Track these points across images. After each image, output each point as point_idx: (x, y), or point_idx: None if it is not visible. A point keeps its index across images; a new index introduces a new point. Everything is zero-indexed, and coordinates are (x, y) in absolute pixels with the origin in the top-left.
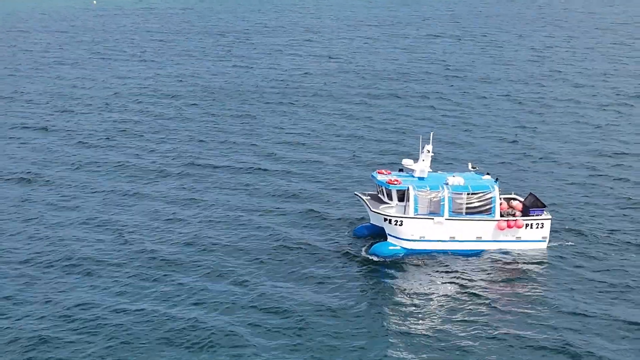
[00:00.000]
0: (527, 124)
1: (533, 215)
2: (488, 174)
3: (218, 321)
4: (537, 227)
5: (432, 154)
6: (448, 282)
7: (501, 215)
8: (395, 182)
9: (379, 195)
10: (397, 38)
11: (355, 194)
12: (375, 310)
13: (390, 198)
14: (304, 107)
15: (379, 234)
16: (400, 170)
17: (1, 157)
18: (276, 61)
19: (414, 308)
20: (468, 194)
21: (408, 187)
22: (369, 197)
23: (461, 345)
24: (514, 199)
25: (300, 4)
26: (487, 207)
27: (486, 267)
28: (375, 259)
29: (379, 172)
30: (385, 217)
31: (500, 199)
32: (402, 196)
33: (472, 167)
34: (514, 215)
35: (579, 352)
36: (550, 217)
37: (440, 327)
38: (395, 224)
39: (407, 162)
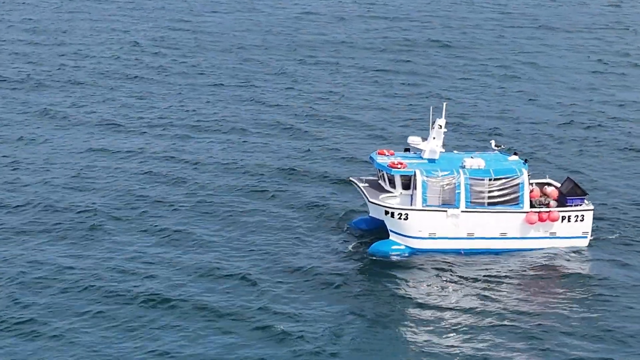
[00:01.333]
0: (604, 83)
1: (571, 205)
2: (516, 153)
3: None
4: (577, 220)
5: (445, 130)
6: (464, 291)
7: (532, 206)
8: (399, 166)
9: (380, 181)
10: None
11: (350, 180)
12: (375, 327)
13: (393, 185)
14: (321, 60)
15: (381, 230)
16: (407, 150)
17: None
18: (281, 3)
19: (421, 324)
20: (490, 179)
21: (415, 172)
22: (367, 185)
23: None
24: (549, 184)
25: None
26: (514, 195)
27: (512, 271)
28: (375, 260)
29: (379, 153)
30: (387, 209)
31: (531, 185)
32: (408, 183)
33: (496, 146)
34: (547, 205)
35: None
36: (592, 207)
37: (452, 346)
38: (399, 218)
39: (414, 140)
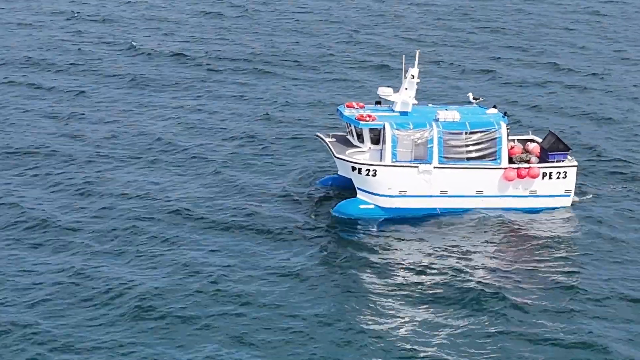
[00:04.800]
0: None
1: (553, 161)
2: (495, 106)
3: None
4: (559, 177)
5: (419, 80)
6: (435, 255)
7: (512, 162)
8: (368, 119)
9: (348, 136)
10: None
11: (317, 136)
12: (340, 293)
13: (361, 140)
14: None
15: (350, 189)
16: (378, 102)
17: None
18: None
19: (387, 290)
20: (465, 133)
21: (384, 125)
22: (334, 140)
23: (451, 341)
24: (532, 140)
25: None
26: (491, 150)
27: (488, 233)
28: (341, 220)
29: (347, 106)
30: (354, 165)
31: (513, 141)
32: (377, 137)
33: (474, 98)
34: (528, 162)
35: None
36: (575, 163)
37: (424, 315)
38: (367, 175)
39: (384, 92)
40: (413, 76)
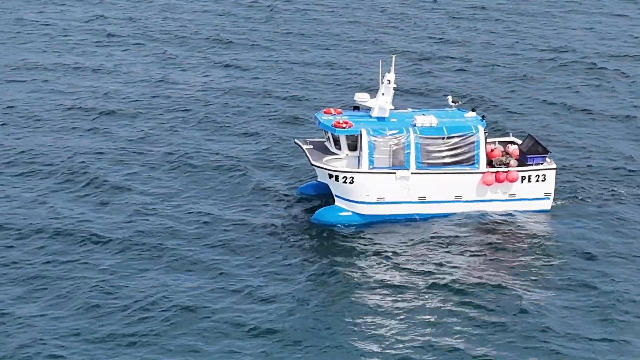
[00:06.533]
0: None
1: (531, 164)
2: (474, 109)
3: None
4: (538, 181)
5: (395, 86)
6: (414, 260)
7: (492, 165)
8: (344, 125)
9: (326, 143)
10: None
11: (295, 142)
12: (318, 300)
13: (338, 147)
14: None
15: (330, 195)
16: (356, 107)
17: None
18: None
19: (367, 298)
20: (443, 137)
21: (360, 131)
22: (311, 147)
23: (432, 345)
24: (512, 142)
25: None
26: (469, 155)
27: (467, 237)
28: (320, 228)
29: (325, 112)
30: (331, 172)
31: (494, 143)
32: (355, 143)
33: (453, 101)
34: (508, 164)
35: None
36: (554, 166)
37: (404, 323)
38: (344, 182)
39: (361, 97)
40: (389, 81)
